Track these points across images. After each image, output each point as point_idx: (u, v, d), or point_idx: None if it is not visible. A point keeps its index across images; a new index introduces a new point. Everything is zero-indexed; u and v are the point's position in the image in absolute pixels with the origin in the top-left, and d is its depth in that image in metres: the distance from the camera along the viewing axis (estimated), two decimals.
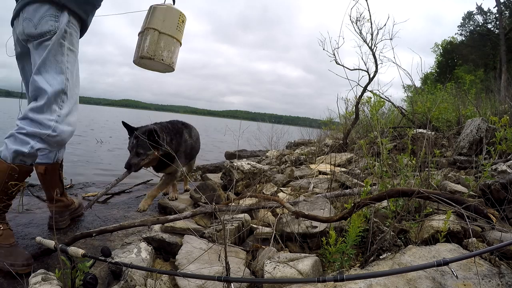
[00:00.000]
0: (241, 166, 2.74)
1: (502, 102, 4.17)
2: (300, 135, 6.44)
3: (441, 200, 1.28)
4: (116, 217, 2.07)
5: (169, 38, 1.70)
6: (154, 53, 1.65)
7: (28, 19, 1.36)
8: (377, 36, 3.38)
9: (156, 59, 1.66)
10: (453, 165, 2.46)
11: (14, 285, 1.29)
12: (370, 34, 3.40)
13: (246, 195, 2.06)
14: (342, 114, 4.74)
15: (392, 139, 3.34)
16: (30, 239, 1.63)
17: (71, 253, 1.23)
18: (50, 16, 1.36)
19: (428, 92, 5.28)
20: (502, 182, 1.55)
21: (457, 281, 1.00)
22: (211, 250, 1.44)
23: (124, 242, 1.63)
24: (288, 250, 1.52)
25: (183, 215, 1.73)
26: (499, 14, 17.98)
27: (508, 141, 2.02)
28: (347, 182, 2.25)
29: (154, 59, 1.66)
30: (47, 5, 1.35)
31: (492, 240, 1.27)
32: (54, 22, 1.37)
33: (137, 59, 1.71)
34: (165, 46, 1.68)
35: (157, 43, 1.65)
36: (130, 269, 1.29)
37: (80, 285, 1.17)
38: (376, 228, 1.43)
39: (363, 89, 3.59)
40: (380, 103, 2.30)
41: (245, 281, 1.19)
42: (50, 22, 1.36)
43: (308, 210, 1.65)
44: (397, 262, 1.14)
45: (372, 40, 3.41)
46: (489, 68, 18.86)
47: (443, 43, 25.95)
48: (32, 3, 1.35)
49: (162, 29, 1.67)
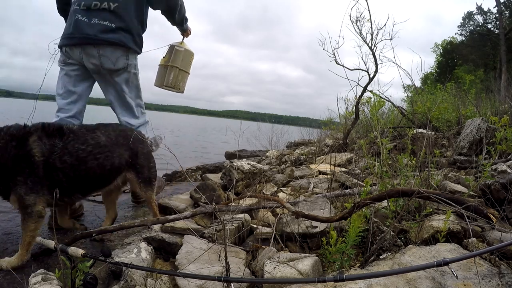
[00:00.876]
0: (241, 166, 2.74)
1: (502, 102, 4.17)
2: (300, 135, 6.44)
3: (441, 200, 1.28)
4: (116, 217, 2.07)
5: (185, 73, 2.43)
6: (175, 84, 2.38)
7: (107, 57, 1.90)
8: (377, 36, 3.38)
9: (175, 88, 2.40)
10: (453, 165, 2.46)
11: (14, 285, 1.29)
12: (370, 34, 3.40)
13: (246, 195, 2.06)
14: (342, 114, 4.74)
15: (392, 139, 3.34)
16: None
17: (71, 253, 1.23)
18: (123, 57, 1.96)
19: (428, 92, 5.28)
20: (502, 182, 1.55)
21: (457, 281, 1.00)
22: (211, 250, 1.44)
23: (124, 242, 1.63)
24: (288, 250, 1.52)
25: (183, 215, 1.73)
26: (499, 14, 17.98)
27: (508, 141, 2.02)
28: (347, 182, 2.25)
29: (174, 88, 2.40)
30: (120, 50, 1.93)
31: (492, 240, 1.27)
32: (125, 60, 1.98)
33: (161, 85, 2.40)
34: (181, 78, 2.41)
35: (177, 77, 2.37)
36: (130, 269, 1.29)
37: (80, 285, 1.17)
38: (376, 228, 1.43)
39: (363, 89, 3.59)
40: (380, 103, 2.30)
41: (245, 281, 1.19)
42: (124, 61, 1.97)
43: (308, 210, 1.65)
44: (397, 262, 1.14)
45: (372, 40, 3.41)
46: (489, 68, 18.86)
47: (443, 43, 25.97)
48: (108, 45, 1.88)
49: (181, 66, 2.37)
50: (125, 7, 1.92)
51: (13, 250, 1.53)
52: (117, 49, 1.92)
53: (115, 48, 1.90)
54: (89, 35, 1.86)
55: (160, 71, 2.40)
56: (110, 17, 1.88)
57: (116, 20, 1.90)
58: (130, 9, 1.94)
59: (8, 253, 1.50)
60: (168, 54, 2.36)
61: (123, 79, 2.01)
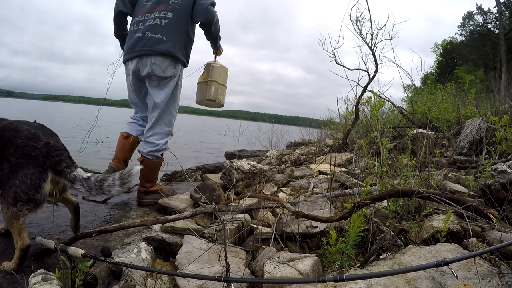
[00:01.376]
0: (241, 166, 2.74)
1: (502, 102, 4.17)
2: (300, 135, 6.44)
3: (441, 200, 1.28)
4: (116, 217, 2.07)
5: (223, 87, 2.58)
6: (216, 97, 2.51)
7: (157, 65, 2.15)
8: (377, 36, 3.38)
9: (216, 101, 2.52)
10: (453, 165, 2.46)
11: (14, 285, 1.29)
12: (370, 34, 3.40)
13: (246, 195, 2.06)
14: (342, 114, 4.74)
15: (392, 139, 3.34)
16: (30, 239, 1.62)
17: (71, 253, 1.23)
18: (171, 67, 2.20)
19: (428, 92, 5.27)
20: (502, 182, 1.55)
21: (457, 281, 1.00)
22: (211, 250, 1.44)
23: (124, 242, 1.63)
24: (288, 250, 1.52)
25: (183, 215, 1.73)
26: (499, 14, 17.98)
27: (508, 141, 2.02)
28: (347, 182, 2.25)
29: (215, 101, 2.52)
30: (169, 59, 2.18)
31: (492, 240, 1.27)
32: (173, 70, 2.21)
33: (202, 100, 2.56)
34: (221, 92, 2.56)
35: (217, 90, 2.51)
36: (130, 269, 1.29)
37: (80, 285, 1.17)
38: (376, 228, 1.43)
39: (363, 89, 3.59)
40: (380, 103, 2.30)
41: (245, 281, 1.19)
42: (171, 70, 2.21)
43: (308, 210, 1.65)
44: (397, 262, 1.14)
45: (372, 40, 3.40)
46: (489, 68, 18.86)
47: (443, 43, 25.96)
48: (159, 55, 2.15)
49: (219, 81, 2.52)
50: (174, 23, 2.21)
51: (13, 250, 1.53)
52: (167, 58, 2.18)
53: (164, 58, 2.17)
54: (144, 47, 2.17)
55: (200, 88, 2.58)
56: (161, 31, 2.17)
57: (167, 33, 2.18)
58: (178, 24, 2.22)
59: (8, 253, 1.50)
60: (206, 71, 2.55)
61: (169, 89, 2.26)
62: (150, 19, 2.20)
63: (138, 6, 2.32)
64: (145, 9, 2.25)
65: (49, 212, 2.05)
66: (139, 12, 2.28)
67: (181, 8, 2.23)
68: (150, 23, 2.19)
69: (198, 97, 2.59)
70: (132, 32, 2.27)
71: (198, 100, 2.62)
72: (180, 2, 2.24)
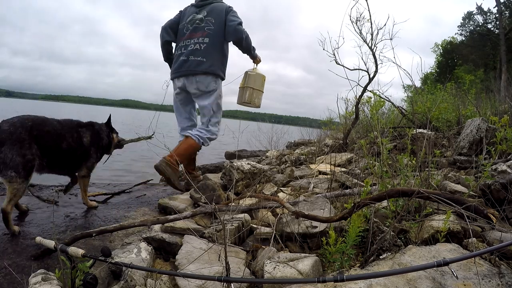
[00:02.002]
0: (241, 166, 2.74)
1: (502, 102, 4.17)
2: (300, 135, 6.43)
3: (441, 200, 1.28)
4: (116, 217, 2.07)
5: (259, 92, 3.02)
6: (250, 100, 2.98)
7: (201, 82, 2.68)
8: (377, 36, 3.37)
9: (251, 103, 2.99)
10: (453, 165, 2.46)
11: (14, 285, 1.29)
12: (370, 34, 3.40)
13: (246, 195, 2.06)
14: (342, 114, 4.73)
15: (392, 139, 3.33)
16: (30, 239, 1.63)
17: (71, 253, 1.23)
18: (213, 82, 2.71)
19: (428, 92, 5.27)
20: (502, 182, 1.55)
21: (457, 281, 1.00)
22: (211, 250, 1.44)
23: (124, 242, 1.63)
24: (288, 250, 1.52)
25: (183, 215, 1.73)
26: (499, 14, 17.98)
27: (508, 141, 2.02)
28: (347, 182, 2.25)
29: (250, 103, 3.00)
30: (210, 76, 2.69)
31: (492, 240, 1.27)
32: (215, 84, 2.73)
33: (240, 103, 3.05)
34: (256, 96, 3.00)
35: (251, 95, 2.97)
36: (130, 269, 1.29)
37: (80, 285, 1.17)
38: (376, 228, 1.43)
39: (363, 89, 3.58)
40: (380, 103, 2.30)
41: (245, 281, 1.19)
42: (213, 85, 2.72)
43: (308, 210, 1.65)
44: (397, 262, 1.14)
45: (372, 40, 3.40)
46: (489, 68, 18.85)
47: (443, 43, 25.96)
48: (202, 74, 2.66)
49: (254, 86, 2.97)
50: (210, 46, 2.70)
51: (13, 250, 1.53)
52: (208, 76, 2.69)
53: (206, 76, 2.68)
54: (189, 68, 2.69)
55: (240, 92, 3.06)
56: (201, 54, 2.68)
57: (206, 56, 2.68)
58: (213, 46, 2.71)
59: (8, 253, 1.50)
60: (244, 78, 3.02)
61: (213, 99, 2.75)
62: (191, 45, 2.72)
63: (179, 34, 2.85)
64: (186, 36, 2.77)
65: (49, 212, 2.05)
66: (181, 39, 2.81)
67: (214, 33, 2.71)
68: (191, 48, 2.71)
69: (238, 100, 3.10)
70: (177, 56, 2.79)
71: (238, 102, 3.12)
72: (213, 27, 2.72)
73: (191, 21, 2.77)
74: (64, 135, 1.94)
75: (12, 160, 1.65)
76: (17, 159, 1.66)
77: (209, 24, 2.73)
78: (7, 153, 1.64)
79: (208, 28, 2.72)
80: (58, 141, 1.91)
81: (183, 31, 2.81)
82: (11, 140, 1.66)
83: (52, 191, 2.59)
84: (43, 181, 2.83)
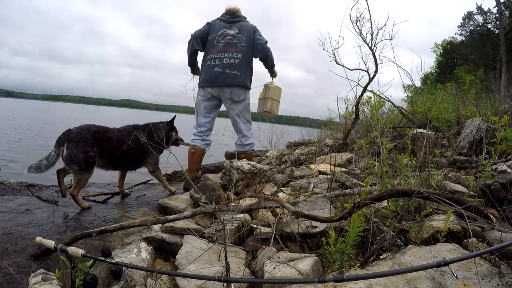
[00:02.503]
0: (241, 166, 2.74)
1: (502, 102, 4.16)
2: (300, 135, 6.43)
3: (441, 200, 1.28)
4: (116, 217, 2.07)
5: (277, 102, 3.50)
6: (271, 109, 3.44)
7: (235, 93, 3.10)
8: (377, 36, 3.36)
9: (271, 112, 3.46)
10: (453, 165, 2.46)
11: (14, 285, 1.29)
12: (370, 34, 3.39)
13: (246, 195, 2.06)
14: (342, 114, 4.73)
15: (392, 139, 3.33)
16: (30, 239, 1.63)
17: (71, 253, 1.23)
18: (243, 93, 3.15)
19: (428, 92, 5.27)
20: (502, 182, 1.55)
21: (457, 281, 1.00)
22: (211, 250, 1.44)
23: (124, 242, 1.63)
24: (288, 250, 1.52)
25: (183, 215, 1.73)
26: (499, 14, 17.97)
27: (508, 141, 2.02)
28: (347, 182, 2.25)
29: (270, 112, 3.45)
30: (242, 89, 3.13)
31: (492, 240, 1.27)
32: (244, 95, 3.17)
33: (261, 112, 3.50)
34: (275, 106, 3.47)
35: (272, 105, 3.43)
36: (130, 269, 1.29)
37: (80, 285, 1.17)
38: (376, 228, 1.43)
39: (363, 89, 3.58)
40: (380, 103, 2.29)
41: (245, 281, 1.19)
42: (243, 95, 3.15)
43: (308, 210, 1.65)
44: (397, 262, 1.14)
45: (372, 40, 3.39)
46: (489, 68, 18.84)
47: (443, 43, 25.95)
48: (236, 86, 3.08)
49: (274, 97, 3.44)
50: (243, 61, 3.08)
51: (13, 250, 1.53)
52: (241, 88, 3.11)
53: (240, 88, 3.10)
54: (226, 80, 3.05)
55: (260, 102, 3.50)
56: (236, 68, 3.05)
57: (239, 70, 3.06)
58: (245, 61, 3.10)
59: (8, 253, 1.50)
60: (264, 90, 3.46)
61: (242, 106, 3.20)
62: (226, 58, 3.05)
63: (209, 45, 3.14)
64: (218, 49, 3.08)
65: (49, 212, 2.05)
66: (212, 51, 3.11)
67: (245, 49, 3.09)
68: (227, 61, 3.05)
69: (258, 109, 3.52)
70: (211, 66, 3.09)
71: (258, 111, 3.55)
72: (244, 44, 3.08)
73: (223, 35, 3.10)
74: (123, 139, 2.34)
75: (76, 156, 2.07)
76: (80, 155, 2.08)
77: (241, 41, 3.09)
78: (73, 149, 2.06)
79: (240, 45, 3.08)
80: (119, 144, 2.32)
81: (213, 42, 3.11)
82: (77, 139, 2.09)
83: (52, 191, 2.59)
84: (43, 181, 2.83)
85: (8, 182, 2.67)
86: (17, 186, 2.60)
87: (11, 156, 5.51)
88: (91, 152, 2.13)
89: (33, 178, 2.64)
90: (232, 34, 3.09)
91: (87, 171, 2.13)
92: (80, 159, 2.08)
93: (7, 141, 7.53)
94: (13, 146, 6.93)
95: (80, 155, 2.07)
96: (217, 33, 3.11)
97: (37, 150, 6.22)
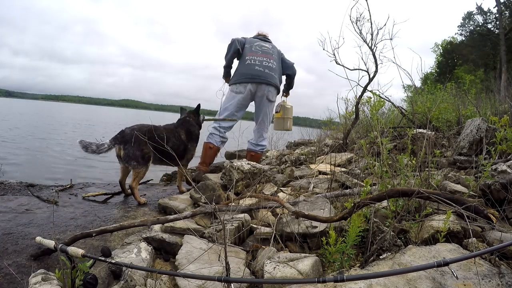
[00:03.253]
0: (241, 166, 2.74)
1: (502, 102, 4.16)
2: (300, 135, 6.43)
3: (441, 200, 1.28)
4: (116, 217, 2.07)
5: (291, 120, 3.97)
6: (290, 127, 3.97)
7: (271, 92, 3.42)
8: (377, 36, 3.36)
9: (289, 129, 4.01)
10: (453, 165, 2.45)
11: (14, 285, 1.29)
12: (370, 34, 3.39)
13: (246, 195, 2.06)
14: (342, 114, 4.72)
15: (392, 139, 3.33)
16: (30, 239, 1.63)
17: (71, 253, 1.23)
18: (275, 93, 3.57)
19: (428, 92, 5.26)
20: (502, 182, 1.55)
21: (457, 281, 1.00)
22: (211, 250, 1.44)
23: (124, 242, 1.63)
24: (288, 250, 1.52)
25: (183, 215, 1.73)
26: (499, 14, 17.97)
27: (508, 141, 2.02)
28: (347, 182, 2.25)
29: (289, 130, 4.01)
30: (276, 90, 3.52)
31: (492, 240, 1.27)
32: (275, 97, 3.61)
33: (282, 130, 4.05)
34: (290, 124, 3.96)
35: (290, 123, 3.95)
36: (130, 269, 1.29)
37: (80, 285, 1.17)
38: (376, 228, 1.43)
39: (363, 89, 3.58)
40: (380, 103, 2.29)
41: (245, 281, 1.19)
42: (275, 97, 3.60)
43: (308, 210, 1.65)
44: (397, 262, 1.14)
45: (372, 40, 3.39)
46: (489, 68, 18.84)
47: (443, 43, 25.94)
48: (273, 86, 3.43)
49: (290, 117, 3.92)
50: (277, 67, 3.50)
51: (13, 250, 1.53)
52: (275, 89, 3.49)
53: (275, 88, 3.47)
54: (266, 79, 3.36)
55: (278, 121, 3.92)
56: (273, 70, 3.43)
57: (275, 72, 3.46)
58: (278, 67, 3.55)
59: (8, 253, 1.50)
60: (282, 110, 3.84)
61: (272, 107, 3.59)
62: (265, 62, 3.41)
63: (248, 50, 3.47)
64: (257, 54, 3.44)
65: (49, 212, 2.05)
66: (251, 54, 3.44)
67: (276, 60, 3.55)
68: (266, 64, 3.41)
69: (278, 127, 3.98)
70: (251, 64, 3.39)
71: (277, 129, 4.02)
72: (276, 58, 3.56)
73: (259, 45, 3.52)
74: (169, 137, 2.57)
75: (133, 154, 2.36)
76: (137, 153, 2.37)
77: (274, 55, 3.54)
78: (129, 149, 2.35)
79: (274, 57, 3.53)
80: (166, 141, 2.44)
81: (251, 49, 3.47)
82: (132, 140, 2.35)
83: (52, 191, 2.59)
84: (43, 181, 2.83)
85: (8, 182, 2.68)
86: (17, 186, 2.60)
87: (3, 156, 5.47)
88: (146, 149, 2.41)
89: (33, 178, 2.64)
90: (268, 46, 3.55)
91: (145, 164, 2.42)
92: (137, 155, 2.37)
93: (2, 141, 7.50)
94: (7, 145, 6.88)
95: (136, 152, 2.36)
96: (254, 43, 3.51)
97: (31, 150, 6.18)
